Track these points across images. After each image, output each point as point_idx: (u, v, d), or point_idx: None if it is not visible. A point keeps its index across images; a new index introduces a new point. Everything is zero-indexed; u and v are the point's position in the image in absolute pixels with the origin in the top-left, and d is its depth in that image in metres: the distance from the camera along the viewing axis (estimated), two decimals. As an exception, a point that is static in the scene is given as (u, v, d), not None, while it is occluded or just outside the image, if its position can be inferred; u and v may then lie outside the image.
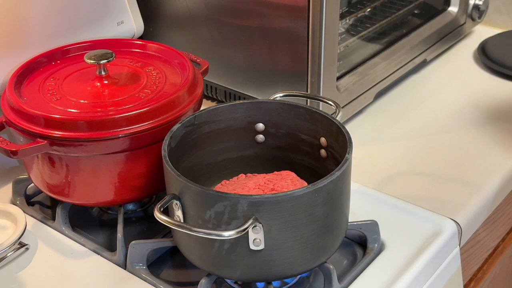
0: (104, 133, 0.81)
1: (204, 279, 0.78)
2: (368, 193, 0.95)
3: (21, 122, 0.83)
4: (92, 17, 1.06)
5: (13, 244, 0.84)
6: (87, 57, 0.88)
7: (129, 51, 0.99)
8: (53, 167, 0.85)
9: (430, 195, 0.96)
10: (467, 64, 1.33)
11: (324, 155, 0.86)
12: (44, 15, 1.00)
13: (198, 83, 0.91)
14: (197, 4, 1.12)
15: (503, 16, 1.46)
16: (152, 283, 0.81)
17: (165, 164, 0.76)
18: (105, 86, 0.89)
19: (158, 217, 0.71)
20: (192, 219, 0.74)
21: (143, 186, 0.87)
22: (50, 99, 0.87)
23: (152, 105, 0.84)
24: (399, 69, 1.20)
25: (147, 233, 0.90)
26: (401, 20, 1.29)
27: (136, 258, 0.83)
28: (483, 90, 1.23)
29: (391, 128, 1.13)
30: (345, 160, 0.74)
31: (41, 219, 0.93)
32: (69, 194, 0.88)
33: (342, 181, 0.75)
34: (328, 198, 0.73)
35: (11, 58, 0.96)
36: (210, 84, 1.16)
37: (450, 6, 1.34)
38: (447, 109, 1.17)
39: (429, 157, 1.05)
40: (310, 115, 0.85)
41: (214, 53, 1.12)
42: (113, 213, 0.95)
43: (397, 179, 1.00)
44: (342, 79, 1.08)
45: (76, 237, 0.89)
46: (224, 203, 0.70)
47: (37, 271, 0.84)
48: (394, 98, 1.21)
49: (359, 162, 1.02)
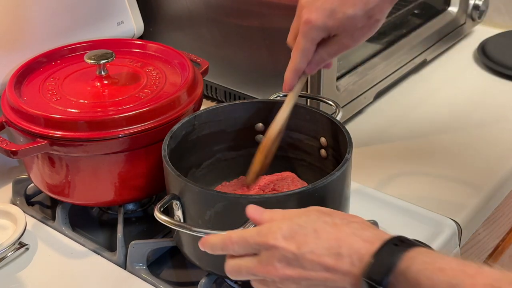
0: (104, 133, 0.81)
1: (204, 279, 0.78)
2: (368, 193, 0.95)
3: (21, 122, 0.83)
4: (92, 17, 1.06)
5: (13, 244, 0.84)
6: (87, 57, 0.88)
7: (129, 51, 0.99)
8: (53, 167, 0.85)
9: (430, 195, 0.96)
10: (467, 64, 1.33)
11: (324, 155, 0.86)
12: (44, 15, 1.00)
13: (198, 83, 0.91)
14: (197, 4, 1.11)
15: (503, 16, 1.46)
16: (152, 283, 0.81)
17: (165, 164, 0.76)
18: (105, 86, 0.89)
19: (158, 217, 0.71)
20: (192, 219, 0.74)
21: (143, 186, 0.87)
22: (50, 99, 0.87)
23: (152, 105, 0.84)
24: (399, 69, 1.20)
25: (147, 233, 0.90)
26: (401, 20, 1.29)
27: (136, 258, 0.83)
28: (483, 90, 1.23)
29: (391, 128, 1.12)
30: (345, 160, 0.74)
31: (41, 219, 0.93)
32: (69, 194, 0.88)
33: (342, 181, 0.75)
34: (328, 198, 0.73)
35: (11, 58, 0.96)
36: (210, 84, 1.16)
37: (450, 6, 1.34)
38: (447, 109, 1.17)
39: (429, 157, 1.05)
40: (310, 115, 0.85)
41: (214, 53, 1.12)
42: (113, 213, 0.95)
43: (397, 179, 1.00)
44: (342, 79, 1.08)
45: (76, 237, 0.89)
46: (224, 203, 0.70)
47: (37, 271, 0.84)
48: (394, 98, 1.21)
49: (359, 162, 1.02)
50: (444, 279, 0.51)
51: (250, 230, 0.61)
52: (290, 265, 0.58)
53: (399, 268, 0.53)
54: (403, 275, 0.53)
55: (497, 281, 0.49)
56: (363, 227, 0.59)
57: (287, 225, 0.59)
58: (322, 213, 0.61)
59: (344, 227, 0.58)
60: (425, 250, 0.55)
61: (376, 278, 0.54)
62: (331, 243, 0.57)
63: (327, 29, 0.74)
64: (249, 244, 0.60)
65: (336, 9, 0.72)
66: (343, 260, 0.56)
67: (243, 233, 0.61)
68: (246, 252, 0.61)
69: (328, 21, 0.73)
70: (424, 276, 0.52)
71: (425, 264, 0.52)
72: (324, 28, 0.73)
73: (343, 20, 0.73)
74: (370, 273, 0.54)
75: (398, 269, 0.53)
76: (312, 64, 0.77)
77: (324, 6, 0.73)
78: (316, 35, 0.74)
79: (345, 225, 0.58)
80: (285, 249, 0.58)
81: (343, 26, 0.73)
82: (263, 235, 0.59)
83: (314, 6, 0.73)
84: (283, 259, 0.58)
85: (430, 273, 0.52)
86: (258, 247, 0.60)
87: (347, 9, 0.72)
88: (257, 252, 0.60)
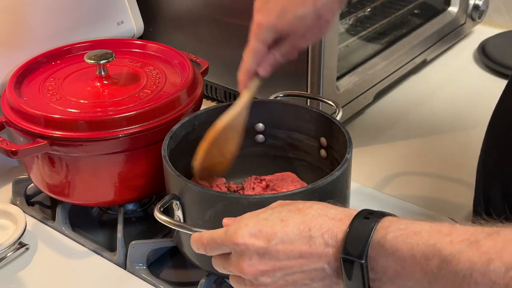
0: (104, 133, 0.81)
1: (204, 279, 0.78)
2: (368, 193, 0.95)
3: (21, 122, 0.83)
4: (92, 17, 1.06)
5: (13, 244, 0.84)
6: (87, 57, 0.88)
7: (129, 51, 0.99)
8: (53, 167, 0.85)
9: (430, 195, 0.96)
10: (467, 64, 1.33)
11: (324, 155, 0.86)
12: (44, 15, 1.00)
13: (198, 83, 0.91)
14: (197, 4, 1.12)
15: (503, 16, 1.46)
16: (152, 283, 0.81)
17: (165, 164, 0.76)
18: (105, 86, 0.89)
19: (158, 217, 0.71)
20: (192, 219, 0.74)
21: (143, 186, 0.87)
22: (50, 99, 0.87)
23: (152, 105, 0.84)
24: (399, 69, 1.20)
25: (147, 233, 0.90)
26: (401, 20, 1.29)
27: (136, 258, 0.83)
28: (483, 90, 1.23)
29: (391, 128, 1.13)
30: (345, 160, 0.74)
31: (41, 219, 0.93)
32: (69, 194, 0.88)
33: (342, 181, 0.75)
34: (328, 198, 0.73)
35: (11, 58, 0.96)
36: (210, 84, 1.16)
37: (450, 6, 1.34)
38: (447, 109, 1.17)
39: (429, 157, 1.05)
40: (310, 115, 0.85)
41: (214, 53, 1.12)
42: (113, 213, 0.95)
43: (397, 179, 1.00)
44: (342, 79, 1.08)
45: (76, 237, 0.89)
46: (224, 203, 0.70)
47: (37, 271, 0.84)
48: (394, 98, 1.21)
49: (359, 162, 1.02)
50: (422, 241, 0.51)
51: (218, 231, 0.62)
52: (262, 260, 0.58)
53: (374, 239, 0.54)
54: (380, 245, 0.53)
55: (473, 235, 0.50)
56: (326, 206, 0.59)
57: (253, 221, 0.59)
58: (285, 204, 0.61)
59: (307, 210, 0.59)
60: (396, 218, 0.55)
61: (355, 253, 0.54)
62: (300, 227, 0.57)
63: (277, 30, 0.75)
64: (217, 244, 0.61)
65: (285, 10, 0.74)
66: (316, 242, 0.56)
67: (212, 234, 0.62)
68: (218, 252, 0.62)
69: (278, 22, 0.74)
70: (401, 241, 0.52)
71: (400, 231, 0.53)
72: (274, 29, 0.75)
73: (292, 20, 0.74)
74: (348, 248, 0.54)
75: (374, 240, 0.54)
76: (265, 65, 0.78)
77: (274, 7, 0.74)
78: (266, 36, 0.76)
79: (308, 208, 0.59)
80: (254, 246, 0.58)
81: (293, 27, 0.75)
82: (229, 235, 0.60)
83: (265, 8, 0.75)
84: (253, 255, 0.58)
85: (406, 238, 0.52)
86: (228, 247, 0.60)
87: (296, 10, 0.74)
88: (230, 251, 0.60)
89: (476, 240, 0.49)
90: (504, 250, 0.48)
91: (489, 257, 0.48)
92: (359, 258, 0.54)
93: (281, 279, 0.58)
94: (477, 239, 0.49)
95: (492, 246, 0.48)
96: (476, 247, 0.49)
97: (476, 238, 0.49)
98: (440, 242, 0.51)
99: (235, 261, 0.60)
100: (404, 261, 0.52)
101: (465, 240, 0.50)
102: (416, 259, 0.51)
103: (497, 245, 0.48)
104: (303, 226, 0.57)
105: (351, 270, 0.54)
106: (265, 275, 0.58)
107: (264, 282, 0.59)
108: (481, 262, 0.48)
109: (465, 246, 0.49)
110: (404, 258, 0.52)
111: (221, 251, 0.61)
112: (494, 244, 0.48)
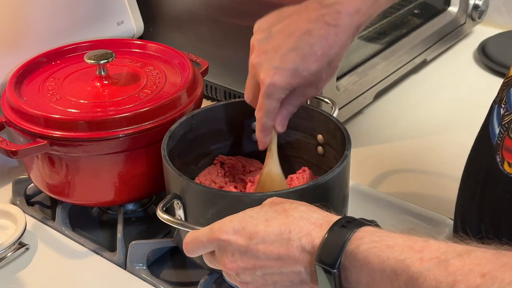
0: (104, 133, 0.81)
1: (204, 279, 0.78)
2: (368, 192, 0.95)
3: (21, 122, 0.83)
4: (92, 17, 1.06)
5: (13, 244, 0.84)
6: (87, 57, 0.88)
7: (129, 51, 0.99)
8: (53, 167, 0.85)
9: (430, 195, 0.96)
10: (467, 64, 1.33)
11: (321, 152, 0.86)
12: (44, 15, 1.00)
13: (198, 83, 0.91)
14: (197, 4, 1.12)
15: (503, 16, 1.46)
16: (152, 283, 0.81)
17: (166, 163, 0.76)
18: (105, 86, 0.89)
19: (161, 216, 0.71)
20: (194, 218, 0.74)
21: (143, 186, 0.87)
22: (50, 99, 0.87)
23: (152, 105, 0.84)
24: (399, 69, 1.20)
25: (147, 233, 0.90)
26: (401, 20, 1.29)
27: (136, 258, 0.83)
28: (483, 90, 1.23)
29: (391, 128, 1.13)
30: (345, 156, 0.74)
31: (41, 219, 0.93)
32: (69, 194, 0.87)
33: (342, 178, 0.75)
34: (329, 194, 0.73)
35: (11, 58, 0.96)
36: (210, 84, 1.16)
37: (450, 6, 1.34)
38: (447, 109, 1.17)
39: (429, 157, 1.05)
40: (307, 113, 0.85)
41: (214, 53, 1.12)
42: (113, 213, 0.95)
43: (397, 179, 1.00)
44: (342, 79, 1.08)
45: (76, 237, 0.89)
46: (226, 202, 0.70)
47: (37, 271, 0.84)
48: (394, 98, 1.21)
49: (358, 162, 1.02)
50: (393, 255, 0.51)
51: (204, 229, 0.62)
52: (244, 258, 0.58)
53: (348, 249, 0.53)
54: (353, 256, 0.53)
55: (444, 254, 0.49)
56: (310, 209, 0.59)
57: (238, 218, 0.59)
58: (274, 203, 0.61)
59: (292, 211, 0.58)
60: (373, 229, 0.55)
61: (328, 262, 0.54)
62: (281, 228, 0.57)
63: (292, 87, 0.73)
64: (202, 243, 0.61)
65: (299, 68, 0.72)
66: (293, 245, 0.56)
67: (196, 233, 0.62)
68: (204, 251, 0.62)
69: (293, 80, 0.72)
70: (373, 254, 0.52)
71: (373, 243, 0.53)
72: (289, 88, 0.73)
73: (307, 76, 0.73)
74: (322, 257, 0.54)
75: (347, 250, 0.53)
76: (282, 121, 0.77)
77: (285, 66, 0.72)
78: (281, 95, 0.74)
79: (293, 210, 0.59)
80: (236, 242, 0.58)
81: (308, 81, 0.73)
82: (213, 232, 0.60)
83: (272, 67, 0.72)
84: (235, 252, 0.58)
85: (378, 251, 0.52)
86: (212, 244, 0.60)
87: (310, 66, 0.72)
88: (215, 248, 0.61)
89: (445, 259, 0.49)
90: (471, 272, 0.47)
91: (455, 279, 0.47)
92: (331, 267, 0.53)
93: (261, 278, 0.58)
94: (447, 258, 0.49)
95: (460, 268, 0.48)
96: (445, 266, 0.48)
97: (446, 257, 0.49)
98: (410, 258, 0.50)
99: (219, 257, 0.60)
100: (375, 274, 0.52)
101: (435, 258, 0.49)
102: (386, 274, 0.51)
103: (465, 267, 0.48)
104: (284, 228, 0.57)
105: (324, 278, 0.54)
106: (246, 272, 0.59)
107: (244, 279, 0.59)
108: (447, 283, 0.47)
109: (434, 264, 0.49)
110: (375, 271, 0.52)
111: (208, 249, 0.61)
112: (462, 265, 0.48)
